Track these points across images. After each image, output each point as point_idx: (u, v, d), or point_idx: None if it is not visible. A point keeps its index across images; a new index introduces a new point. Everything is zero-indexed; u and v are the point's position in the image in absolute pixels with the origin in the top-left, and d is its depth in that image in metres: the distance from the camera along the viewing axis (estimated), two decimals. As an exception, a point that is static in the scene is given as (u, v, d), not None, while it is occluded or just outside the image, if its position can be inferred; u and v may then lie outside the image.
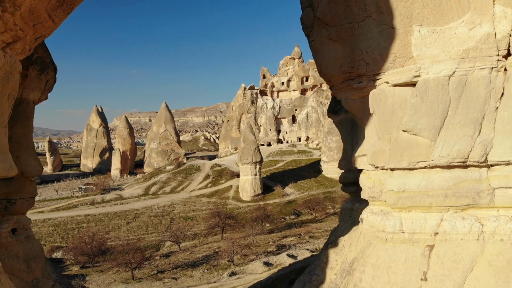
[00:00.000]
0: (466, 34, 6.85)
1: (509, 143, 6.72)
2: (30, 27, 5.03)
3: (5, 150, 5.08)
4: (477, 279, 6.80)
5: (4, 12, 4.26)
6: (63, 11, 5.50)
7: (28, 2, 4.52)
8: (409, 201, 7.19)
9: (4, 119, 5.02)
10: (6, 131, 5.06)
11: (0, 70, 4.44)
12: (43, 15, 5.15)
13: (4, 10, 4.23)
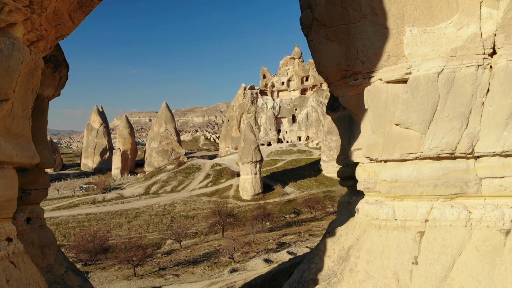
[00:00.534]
0: (454, 34, 7.35)
1: (494, 135, 7.21)
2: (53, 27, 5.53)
3: (29, 140, 5.57)
4: (465, 263, 7.30)
5: (32, 14, 4.75)
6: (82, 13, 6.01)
7: (53, 4, 5.02)
8: (401, 190, 7.70)
9: (28, 112, 5.52)
10: (30, 123, 5.56)
11: (26, 66, 4.93)
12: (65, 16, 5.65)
13: (32, 12, 4.73)
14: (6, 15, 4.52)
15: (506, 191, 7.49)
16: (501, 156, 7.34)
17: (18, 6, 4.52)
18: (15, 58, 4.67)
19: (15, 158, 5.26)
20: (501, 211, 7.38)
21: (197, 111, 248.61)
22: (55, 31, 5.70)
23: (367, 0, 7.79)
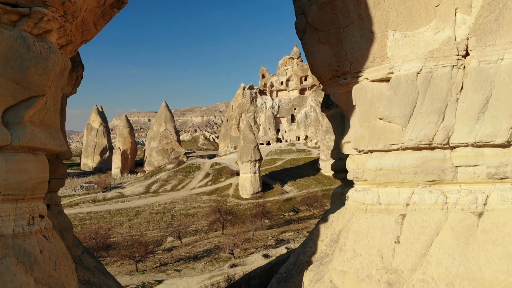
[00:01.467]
0: (431, 37, 8.26)
1: (467, 128, 8.13)
2: (79, 33, 6.41)
3: (58, 131, 6.45)
4: (442, 242, 8.21)
5: (66, 22, 5.64)
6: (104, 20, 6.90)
7: (82, 14, 5.90)
8: (385, 177, 8.61)
9: (58, 106, 6.41)
10: (59, 116, 6.45)
11: (58, 66, 5.82)
12: (90, 24, 6.53)
13: (66, 21, 5.61)
14: (45, 24, 5.42)
15: (479, 178, 8.41)
16: (474, 146, 8.26)
17: (55, 16, 5.42)
18: (52, 60, 5.56)
19: (48, 145, 6.16)
20: (475, 195, 8.30)
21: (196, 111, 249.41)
22: (81, 36, 6.59)
23: (354, 7, 8.70)
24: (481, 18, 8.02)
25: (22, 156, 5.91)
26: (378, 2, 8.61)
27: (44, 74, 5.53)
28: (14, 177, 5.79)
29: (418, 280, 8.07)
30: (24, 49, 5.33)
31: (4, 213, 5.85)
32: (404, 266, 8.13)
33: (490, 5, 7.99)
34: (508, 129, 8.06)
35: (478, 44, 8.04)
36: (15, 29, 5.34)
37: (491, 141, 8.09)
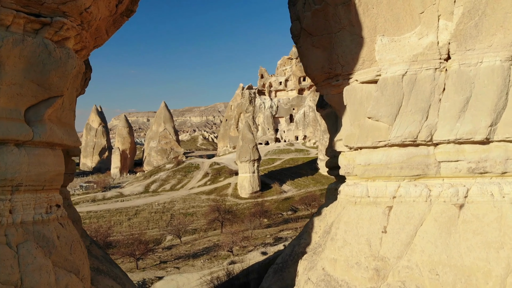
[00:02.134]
0: (416, 42, 8.95)
1: (449, 126, 8.82)
2: (93, 39, 7.06)
3: (73, 128, 7.11)
4: (425, 232, 8.90)
5: (82, 30, 6.30)
6: (115, 27, 7.55)
7: (97, 22, 6.56)
8: (373, 172, 9.28)
9: (73, 106, 7.07)
10: (74, 115, 7.11)
11: (75, 70, 6.47)
12: (103, 31, 7.19)
13: (82, 29, 6.27)
14: (64, 32, 6.08)
15: (460, 172, 9.10)
16: (455, 143, 8.95)
17: (73, 25, 6.08)
18: (70, 64, 6.22)
19: (64, 141, 6.82)
20: (456, 189, 8.99)
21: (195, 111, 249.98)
22: (94, 42, 7.25)
23: (345, 13, 9.38)
24: (461, 25, 8.71)
25: (42, 151, 6.57)
26: (367, 9, 9.29)
27: (63, 77, 6.20)
28: (34, 170, 6.45)
29: (404, 267, 8.75)
30: (46, 55, 5.99)
31: (25, 202, 6.51)
32: (391, 253, 8.81)
33: (470, 13, 8.68)
34: (486, 127, 8.75)
35: (459, 48, 8.73)
36: (38, 37, 6.00)
37: (471, 138, 8.78)
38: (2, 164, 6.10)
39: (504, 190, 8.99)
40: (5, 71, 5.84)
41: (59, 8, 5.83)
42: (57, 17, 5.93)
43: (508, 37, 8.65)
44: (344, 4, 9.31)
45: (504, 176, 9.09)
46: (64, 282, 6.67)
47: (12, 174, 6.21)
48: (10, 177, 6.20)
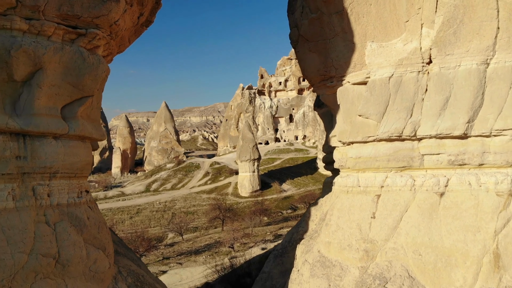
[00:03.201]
0: (401, 48, 10.06)
1: (431, 123, 9.93)
2: (117, 46, 8.15)
3: (99, 124, 8.21)
4: (410, 217, 10.01)
5: (111, 39, 7.40)
6: (135, 36, 8.65)
7: (122, 33, 7.65)
8: (363, 164, 10.38)
9: (100, 104, 8.18)
10: (100, 112, 8.20)
11: (104, 73, 7.57)
12: (126, 39, 8.27)
13: (111, 38, 7.37)
14: (96, 41, 7.18)
15: (441, 164, 10.20)
16: (437, 138, 10.05)
17: (104, 35, 7.18)
18: (100, 69, 7.33)
19: (93, 135, 7.93)
20: (437, 179, 10.09)
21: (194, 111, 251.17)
22: (118, 49, 8.35)
23: (339, 22, 10.49)
24: (441, 32, 9.82)
25: (75, 143, 7.67)
26: (358, 18, 10.41)
27: (94, 80, 7.30)
28: (69, 159, 7.55)
29: (390, 248, 9.86)
30: (81, 61, 7.09)
31: (60, 187, 7.60)
32: (379, 236, 9.91)
33: (449, 21, 9.79)
34: (464, 123, 9.86)
35: (439, 53, 9.84)
36: (74, 45, 7.10)
37: (451, 133, 9.88)
38: (43, 154, 7.20)
39: (481, 180, 10.09)
40: (46, 74, 6.94)
41: (93, 21, 6.93)
42: (91, 28, 7.03)
43: (483, 43, 9.76)
44: (337, 13, 10.43)
45: (481, 167, 10.20)
46: (93, 257, 7.77)
47: (50, 162, 7.31)
48: (49, 165, 7.30)
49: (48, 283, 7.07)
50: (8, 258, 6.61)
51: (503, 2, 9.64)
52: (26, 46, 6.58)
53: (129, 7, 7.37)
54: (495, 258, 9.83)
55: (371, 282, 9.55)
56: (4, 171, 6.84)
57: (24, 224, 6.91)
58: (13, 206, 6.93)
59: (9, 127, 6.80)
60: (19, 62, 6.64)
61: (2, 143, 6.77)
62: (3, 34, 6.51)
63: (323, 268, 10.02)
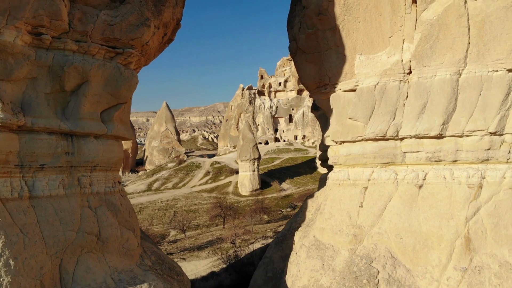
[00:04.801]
0: (386, 60, 11.73)
1: (411, 124, 11.60)
2: (145, 61, 9.80)
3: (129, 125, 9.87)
4: (393, 206, 11.68)
5: (141, 56, 9.06)
6: (159, 51, 10.31)
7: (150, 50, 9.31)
8: (353, 161, 12.05)
9: (129, 109, 9.84)
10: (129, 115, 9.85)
11: (136, 84, 9.22)
12: (152, 55, 9.93)
13: (141, 56, 9.03)
14: (130, 58, 8.85)
15: (420, 160, 11.87)
16: (416, 138, 11.72)
17: (137, 53, 8.85)
18: (133, 81, 9.00)
19: (125, 135, 9.61)
20: (417, 173, 11.77)
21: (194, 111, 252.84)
22: (145, 63, 10.01)
23: (332, 37, 12.16)
24: (420, 47, 11.49)
25: (111, 142, 9.34)
26: (348, 34, 12.08)
27: (128, 90, 8.97)
28: (106, 155, 9.22)
29: (376, 233, 11.53)
30: (118, 74, 8.76)
31: (99, 178, 9.27)
32: (366, 223, 11.59)
33: (426, 38, 11.47)
34: (439, 125, 11.53)
35: (418, 65, 11.51)
36: (113, 62, 8.77)
37: (428, 134, 11.55)
38: (86, 150, 8.87)
39: (455, 174, 11.77)
40: (91, 86, 8.61)
41: (129, 42, 8.60)
42: (127, 48, 8.71)
43: (456, 56, 11.43)
44: (330, 29, 12.10)
45: (455, 163, 11.87)
46: (126, 236, 9.42)
47: (92, 157, 8.98)
48: (91, 160, 8.97)
49: (91, 256, 8.73)
50: (61, 235, 8.28)
51: (473, 20, 11.33)
52: (76, 63, 8.25)
53: (157, 29, 9.03)
54: (467, 241, 11.52)
55: (359, 261, 11.22)
56: (56, 164, 8.51)
57: (72, 207, 8.58)
58: (63, 193, 8.60)
59: (61, 128, 8.47)
60: (70, 76, 8.31)
61: (55, 141, 8.44)
62: (57, 53, 8.18)
63: (318, 250, 11.69)
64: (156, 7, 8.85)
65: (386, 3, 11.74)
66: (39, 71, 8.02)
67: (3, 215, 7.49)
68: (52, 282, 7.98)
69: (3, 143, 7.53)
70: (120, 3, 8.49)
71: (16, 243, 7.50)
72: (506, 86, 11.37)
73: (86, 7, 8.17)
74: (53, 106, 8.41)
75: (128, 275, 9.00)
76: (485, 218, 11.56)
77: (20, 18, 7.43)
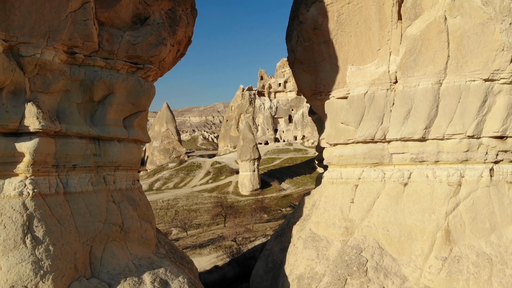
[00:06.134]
0: (374, 70, 13.17)
1: (397, 129, 13.04)
2: (160, 74, 11.23)
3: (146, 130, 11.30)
4: (380, 202, 13.12)
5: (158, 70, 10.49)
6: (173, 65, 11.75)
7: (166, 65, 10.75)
8: (345, 161, 13.49)
9: (147, 115, 11.25)
10: (147, 121, 11.28)
11: (153, 94, 10.64)
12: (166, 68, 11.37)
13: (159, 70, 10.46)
14: (149, 72, 10.29)
15: (405, 161, 13.32)
16: (402, 140, 13.16)
17: (155, 68, 10.29)
18: (152, 92, 10.44)
19: (144, 139, 11.05)
20: (402, 172, 13.21)
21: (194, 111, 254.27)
22: (160, 75, 11.46)
23: (326, 49, 13.60)
24: (404, 59, 12.93)
25: (132, 145, 10.77)
26: (341, 47, 13.52)
27: (147, 99, 10.41)
28: (127, 156, 10.64)
29: (365, 226, 12.97)
30: (139, 86, 10.19)
31: (121, 176, 10.69)
32: (356, 217, 13.03)
33: (410, 51, 12.90)
34: (422, 129, 12.96)
35: (403, 75, 12.95)
36: (134, 75, 10.20)
37: (412, 137, 12.99)
38: (111, 152, 10.30)
39: (436, 173, 13.20)
40: (116, 96, 10.03)
41: (148, 59, 10.04)
42: (146, 64, 10.14)
43: (436, 68, 12.86)
44: (325, 42, 13.55)
45: (437, 163, 13.31)
46: (144, 228, 10.84)
47: (116, 158, 10.40)
48: (115, 160, 10.39)
49: (115, 244, 10.15)
50: (90, 225, 9.70)
51: (452, 36, 12.76)
52: (104, 78, 9.68)
53: (172, 47, 10.47)
54: (446, 233, 12.95)
55: (350, 251, 12.66)
56: (86, 165, 9.94)
57: (99, 202, 10.00)
58: (92, 189, 10.02)
59: (90, 134, 9.89)
60: (98, 89, 9.74)
61: (85, 145, 9.86)
62: (88, 69, 9.61)
63: (313, 241, 13.13)
64: (171, 27, 10.27)
65: (374, 19, 13.17)
66: (72, 84, 9.43)
67: (43, 208, 8.90)
68: (83, 266, 9.39)
69: (43, 147, 8.93)
70: (140, 25, 9.92)
71: (54, 232, 8.91)
72: (482, 94, 12.80)
73: (112, 29, 9.58)
74: (83, 114, 9.83)
75: (146, 261, 10.42)
76: (463, 213, 12.99)
77: (58, 40, 8.85)
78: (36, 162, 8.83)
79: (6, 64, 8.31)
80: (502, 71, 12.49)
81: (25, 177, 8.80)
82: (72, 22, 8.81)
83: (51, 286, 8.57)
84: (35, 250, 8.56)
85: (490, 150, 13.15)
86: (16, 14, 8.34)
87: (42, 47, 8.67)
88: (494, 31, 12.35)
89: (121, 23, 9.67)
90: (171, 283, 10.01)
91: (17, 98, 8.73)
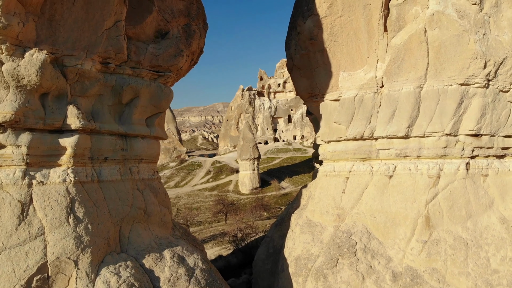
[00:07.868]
0: (363, 76, 15.07)
1: (383, 127, 14.95)
2: (176, 80, 13.12)
3: (164, 128, 13.18)
4: (368, 192, 15.03)
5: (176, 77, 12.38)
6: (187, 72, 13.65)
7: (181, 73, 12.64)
8: (337, 156, 15.40)
9: (165, 115, 13.14)
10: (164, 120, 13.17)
11: (172, 98, 12.52)
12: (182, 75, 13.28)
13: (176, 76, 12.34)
14: (168, 79, 12.17)
15: (391, 156, 15.23)
16: (387, 138, 15.07)
17: (173, 75, 12.17)
18: (170, 95, 12.33)
19: (163, 136, 12.94)
20: (388, 166, 15.12)
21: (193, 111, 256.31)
22: (176, 80, 13.35)
23: (321, 57, 15.50)
24: (389, 66, 14.84)
25: (152, 141, 12.65)
26: (334, 55, 15.43)
27: (167, 102, 12.31)
28: (149, 151, 12.52)
29: (355, 213, 14.87)
30: (160, 91, 12.07)
31: (144, 168, 12.58)
32: (347, 205, 14.93)
33: (394, 59, 14.82)
34: (405, 128, 14.87)
35: (388, 81, 14.86)
36: (156, 82, 12.08)
37: (396, 135, 14.90)
38: (136, 147, 12.18)
39: (418, 167, 15.11)
40: (140, 99, 11.92)
41: (168, 68, 11.93)
42: (166, 72, 12.04)
43: (418, 73, 14.78)
44: (320, 51, 15.46)
45: (418, 158, 15.22)
46: (163, 212, 12.73)
47: (140, 153, 12.28)
48: (139, 154, 12.27)
49: (140, 226, 12.03)
50: (120, 209, 11.57)
51: (431, 45, 14.68)
52: (131, 84, 11.56)
53: (187, 57, 12.36)
54: (426, 220, 14.86)
55: (341, 235, 14.56)
56: (115, 157, 11.82)
57: (127, 189, 11.88)
58: (120, 178, 11.90)
59: (119, 131, 11.77)
60: (126, 93, 11.62)
61: (114, 141, 11.74)
62: (118, 77, 11.49)
63: (309, 227, 15.03)
64: (187, 40, 12.15)
65: (364, 31, 15.09)
66: (105, 89, 11.31)
67: (82, 193, 10.77)
68: (114, 242, 11.26)
69: (81, 142, 10.81)
70: (161, 39, 11.80)
71: (92, 213, 10.78)
72: (458, 97, 14.72)
73: (138, 43, 11.47)
74: (113, 114, 11.70)
75: (165, 240, 12.30)
76: (442, 201, 14.90)
77: (95, 53, 10.73)
78: (76, 155, 10.70)
79: (53, 73, 10.18)
80: (476, 76, 14.40)
81: (67, 167, 10.67)
82: (107, 37, 10.68)
83: (89, 258, 10.45)
84: (76, 227, 10.42)
85: (466, 146, 15.07)
86: (61, 31, 10.21)
87: (82, 59, 10.54)
88: (469, 41, 14.26)
89: (145, 37, 11.55)
90: (187, 259, 11.89)
91: (61, 101, 10.60)
